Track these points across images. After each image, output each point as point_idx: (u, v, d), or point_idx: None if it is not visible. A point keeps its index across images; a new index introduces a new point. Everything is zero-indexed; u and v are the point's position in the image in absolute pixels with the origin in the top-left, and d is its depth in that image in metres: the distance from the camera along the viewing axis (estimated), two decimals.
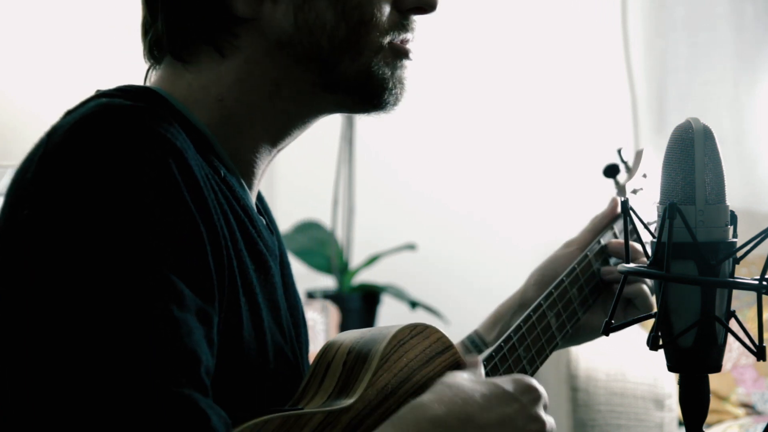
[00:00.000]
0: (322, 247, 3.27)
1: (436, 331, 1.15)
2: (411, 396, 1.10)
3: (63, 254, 0.93)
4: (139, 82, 1.15)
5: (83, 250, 0.92)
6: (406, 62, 1.16)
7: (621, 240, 1.39)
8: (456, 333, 1.30)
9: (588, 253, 1.36)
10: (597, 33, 3.62)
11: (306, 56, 1.12)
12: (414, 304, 3.16)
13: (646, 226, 1.11)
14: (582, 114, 3.60)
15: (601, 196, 4.05)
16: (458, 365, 1.16)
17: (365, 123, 1.18)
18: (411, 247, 3.27)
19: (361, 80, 1.14)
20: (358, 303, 3.16)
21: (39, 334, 0.91)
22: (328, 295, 3.20)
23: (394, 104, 1.16)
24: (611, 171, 1.45)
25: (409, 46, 1.16)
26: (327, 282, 3.38)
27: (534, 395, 1.12)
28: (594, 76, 3.61)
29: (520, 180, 3.54)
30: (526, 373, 1.27)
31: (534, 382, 1.13)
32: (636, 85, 3.63)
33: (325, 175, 3.30)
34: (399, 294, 3.18)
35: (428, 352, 1.13)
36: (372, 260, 3.24)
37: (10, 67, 1.82)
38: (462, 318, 3.43)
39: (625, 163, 1.47)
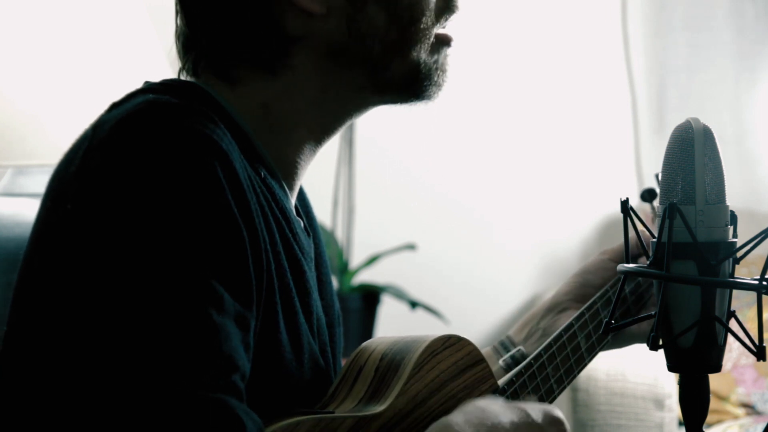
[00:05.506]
0: None
1: (469, 343, 1.15)
2: (439, 407, 1.11)
3: (103, 253, 0.92)
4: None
5: (123, 250, 0.91)
6: (448, 50, 1.17)
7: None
8: (456, 333, 1.31)
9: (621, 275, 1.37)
10: (597, 33, 3.61)
11: (356, 62, 1.12)
12: (414, 304, 3.16)
13: (646, 227, 1.11)
14: (582, 114, 3.59)
15: (601, 197, 4.03)
16: (488, 379, 1.16)
17: (365, 123, 1.18)
18: (411, 247, 3.27)
19: (410, 77, 1.15)
20: (358, 303, 3.15)
21: (75, 333, 0.90)
22: None
23: (437, 93, 1.18)
24: (649, 195, 1.44)
25: (449, 33, 1.17)
26: None
27: (560, 428, 1.11)
28: (594, 76, 3.61)
29: (521, 180, 3.54)
30: (553, 392, 1.27)
31: (561, 415, 1.12)
32: (636, 85, 3.63)
33: (325, 175, 3.29)
34: (399, 294, 3.18)
35: (460, 365, 1.14)
36: (372, 260, 3.24)
37: (10, 67, 1.82)
38: (462, 318, 3.43)
39: None
